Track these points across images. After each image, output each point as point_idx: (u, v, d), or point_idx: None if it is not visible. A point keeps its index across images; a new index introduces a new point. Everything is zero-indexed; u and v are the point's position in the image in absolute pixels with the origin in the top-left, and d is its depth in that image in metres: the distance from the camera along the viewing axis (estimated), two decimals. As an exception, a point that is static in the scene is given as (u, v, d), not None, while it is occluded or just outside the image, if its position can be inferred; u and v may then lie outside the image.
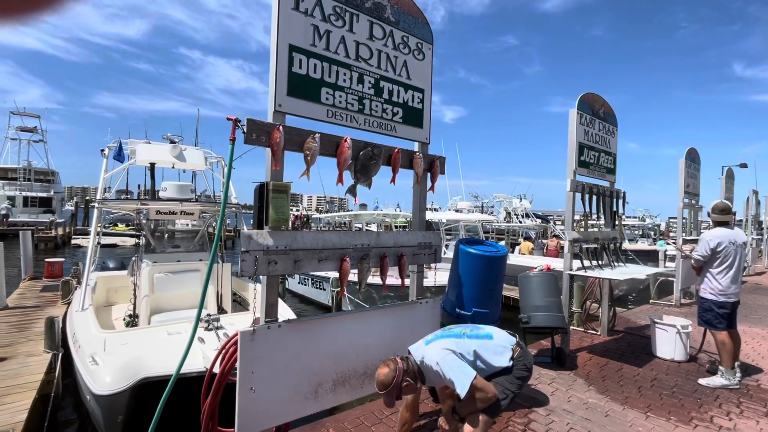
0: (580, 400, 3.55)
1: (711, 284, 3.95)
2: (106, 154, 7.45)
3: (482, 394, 2.16)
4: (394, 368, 2.24)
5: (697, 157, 8.08)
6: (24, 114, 34.43)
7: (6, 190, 30.58)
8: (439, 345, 2.34)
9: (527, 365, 2.44)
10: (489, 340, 2.42)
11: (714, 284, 3.93)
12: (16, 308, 7.41)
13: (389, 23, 2.82)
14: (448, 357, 2.23)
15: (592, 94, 4.98)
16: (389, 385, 2.21)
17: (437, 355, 2.26)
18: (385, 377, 2.22)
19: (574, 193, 4.66)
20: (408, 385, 2.25)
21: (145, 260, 6.11)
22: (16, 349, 5.29)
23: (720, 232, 3.95)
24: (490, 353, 2.37)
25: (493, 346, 2.40)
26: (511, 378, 2.37)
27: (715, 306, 3.91)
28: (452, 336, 2.41)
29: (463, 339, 2.38)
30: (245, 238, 2.16)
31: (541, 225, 19.49)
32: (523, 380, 2.43)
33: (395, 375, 2.22)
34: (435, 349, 2.31)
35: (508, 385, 2.35)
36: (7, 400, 3.88)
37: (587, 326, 5.84)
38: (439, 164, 3.07)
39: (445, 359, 2.22)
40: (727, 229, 4.00)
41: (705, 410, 3.42)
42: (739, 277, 3.94)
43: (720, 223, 4.03)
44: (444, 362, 2.22)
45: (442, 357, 2.24)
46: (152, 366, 3.50)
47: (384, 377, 2.22)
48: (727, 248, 3.88)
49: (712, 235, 3.95)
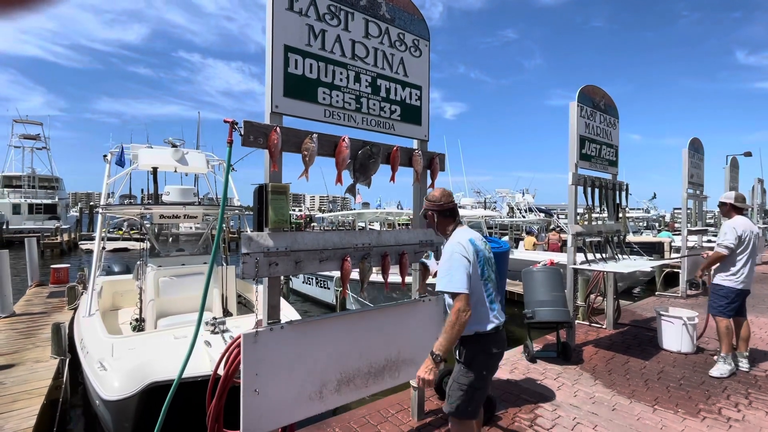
0: (587, 394, 3.53)
1: (731, 272, 3.98)
2: (109, 160, 7.49)
3: (449, 325, 1.93)
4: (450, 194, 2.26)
5: (700, 147, 8.00)
6: (26, 122, 34.67)
7: (11, 197, 30.82)
8: (470, 244, 2.07)
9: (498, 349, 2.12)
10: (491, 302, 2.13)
11: (734, 271, 3.96)
12: (23, 315, 7.47)
13: (385, 21, 2.80)
14: (457, 256, 2.01)
15: (592, 86, 4.94)
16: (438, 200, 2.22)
17: (452, 245, 2.06)
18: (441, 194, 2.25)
19: (576, 186, 4.63)
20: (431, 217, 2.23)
21: (150, 264, 6.14)
22: (24, 355, 5.33)
23: (743, 220, 4.03)
24: (480, 305, 2.07)
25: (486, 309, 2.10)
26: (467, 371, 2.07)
27: (733, 294, 3.95)
28: (484, 266, 2.11)
29: (485, 278, 2.09)
30: (246, 240, 2.16)
31: (544, 219, 19.41)
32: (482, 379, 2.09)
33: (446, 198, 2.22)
34: (463, 236, 2.11)
35: (463, 380, 2.07)
36: (16, 407, 3.92)
37: (592, 320, 5.81)
38: (438, 161, 3.05)
39: (454, 256, 2.01)
40: (746, 218, 4.09)
41: (713, 402, 3.40)
42: (754, 265, 4.00)
43: (741, 212, 4.12)
44: (452, 256, 2.02)
45: (451, 252, 2.03)
46: (160, 370, 3.52)
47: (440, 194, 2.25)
48: (749, 236, 3.95)
49: (737, 223, 4.00)
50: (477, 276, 2.05)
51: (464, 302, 1.94)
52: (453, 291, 1.96)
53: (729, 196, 4.14)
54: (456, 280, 1.97)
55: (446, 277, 2.01)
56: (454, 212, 2.24)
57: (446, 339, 1.93)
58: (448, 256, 2.06)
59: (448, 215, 2.22)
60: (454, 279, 1.97)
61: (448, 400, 2.12)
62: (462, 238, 2.11)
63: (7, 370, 4.83)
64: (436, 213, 2.23)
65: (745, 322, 4.08)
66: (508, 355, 4.47)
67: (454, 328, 1.92)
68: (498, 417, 3.12)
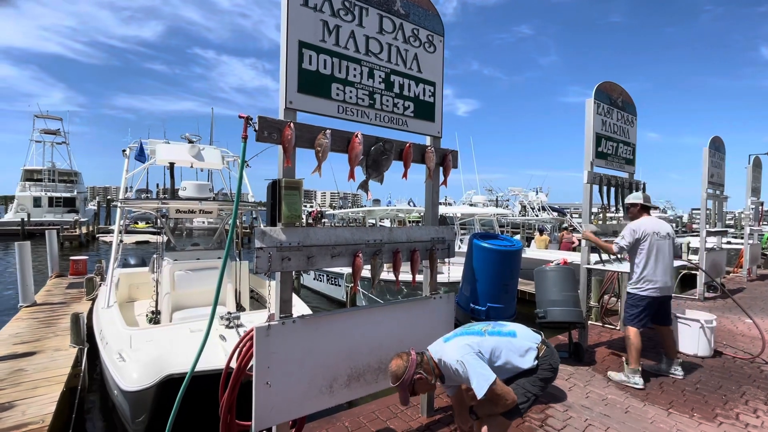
0: (599, 395, 3.48)
1: (634, 279, 3.81)
2: (128, 155, 7.64)
3: (501, 399, 2.10)
4: (407, 360, 2.23)
5: (721, 146, 7.78)
6: (47, 117, 35.59)
7: (32, 190, 31.74)
8: (459, 342, 2.27)
9: (553, 365, 2.32)
10: (512, 338, 2.32)
11: (637, 278, 3.78)
12: (44, 305, 7.70)
13: (399, 16, 2.79)
14: (468, 356, 2.16)
15: (609, 83, 4.84)
16: (401, 376, 2.19)
17: (457, 352, 2.20)
18: (397, 368, 2.21)
19: (592, 185, 4.56)
20: (421, 379, 2.22)
21: (165, 258, 6.26)
22: (45, 343, 5.50)
23: (646, 221, 3.83)
24: (513, 353, 2.28)
25: (517, 346, 2.30)
26: (534, 379, 2.28)
27: (641, 302, 3.75)
28: (473, 333, 2.33)
29: (484, 337, 2.29)
30: (259, 235, 2.18)
31: (557, 218, 19.15)
32: (547, 381, 2.32)
33: (407, 366, 2.20)
34: (455, 346, 2.25)
35: (529, 387, 2.25)
36: (36, 393, 4.05)
37: (605, 321, 5.72)
38: (451, 158, 3.03)
39: (465, 357, 2.16)
40: (653, 219, 3.90)
41: (730, 407, 3.32)
42: (667, 269, 3.75)
43: (650, 212, 3.96)
44: (464, 360, 2.15)
45: (462, 355, 2.18)
46: (176, 363, 3.59)
47: (396, 368, 2.22)
48: (650, 237, 3.71)
49: (638, 224, 3.82)
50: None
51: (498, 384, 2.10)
52: (488, 383, 2.08)
53: (638, 197, 3.97)
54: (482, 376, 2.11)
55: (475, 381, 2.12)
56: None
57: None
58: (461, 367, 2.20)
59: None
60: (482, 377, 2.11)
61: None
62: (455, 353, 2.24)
63: (29, 357, 4.99)
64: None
65: (670, 330, 3.94)
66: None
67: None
68: (508, 416, 3.10)
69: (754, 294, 7.65)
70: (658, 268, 3.71)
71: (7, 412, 3.67)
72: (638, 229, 3.77)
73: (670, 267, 3.75)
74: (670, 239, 3.78)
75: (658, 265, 3.71)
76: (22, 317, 6.82)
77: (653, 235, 3.72)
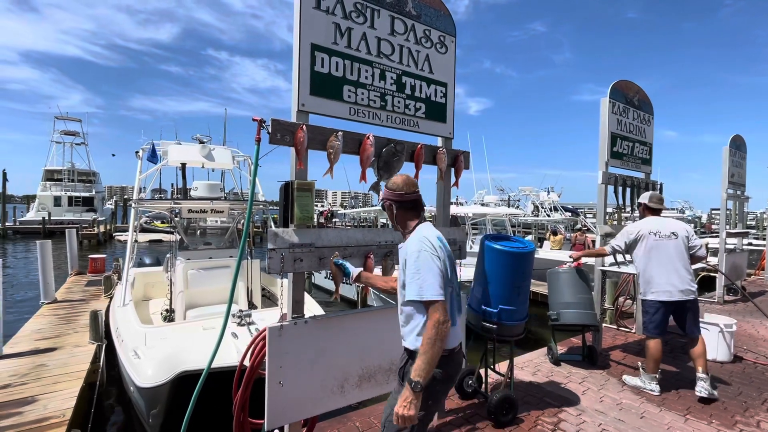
0: (614, 400, 3.43)
1: (642, 283, 3.59)
2: (141, 156, 7.81)
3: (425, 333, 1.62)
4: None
5: (743, 145, 7.57)
6: (67, 118, 36.59)
7: (53, 190, 32.65)
8: (434, 233, 1.82)
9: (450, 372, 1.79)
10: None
11: (645, 281, 3.55)
12: (64, 302, 7.93)
13: (411, 17, 2.79)
14: (426, 255, 1.70)
15: (625, 81, 4.75)
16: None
17: (420, 242, 1.75)
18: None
19: (606, 185, 4.48)
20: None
21: (179, 257, 6.38)
22: (65, 340, 5.66)
23: (647, 222, 3.64)
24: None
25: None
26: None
27: (651, 307, 3.52)
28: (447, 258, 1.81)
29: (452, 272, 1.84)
30: (272, 236, 2.21)
31: (570, 218, 18.87)
32: (435, 396, 1.75)
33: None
34: (426, 233, 1.80)
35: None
36: (58, 388, 4.17)
37: (620, 324, 5.62)
38: (463, 159, 3.02)
39: (421, 257, 1.70)
40: (658, 218, 3.66)
41: (751, 414, 3.23)
42: (679, 271, 3.45)
43: (656, 212, 3.71)
44: (420, 256, 1.70)
45: (421, 249, 1.72)
46: (190, 360, 3.66)
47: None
48: (648, 238, 3.52)
49: (636, 226, 3.64)
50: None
51: (442, 311, 1.62)
52: (428, 299, 1.63)
53: (644, 196, 3.79)
54: (429, 285, 1.64)
55: (416, 284, 1.66)
56: (418, 206, 1.93)
57: (426, 361, 1.59)
58: (415, 256, 1.71)
59: (410, 208, 1.91)
60: (427, 284, 1.64)
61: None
62: (429, 234, 1.80)
63: (50, 353, 5.15)
64: (395, 204, 1.91)
65: (694, 340, 3.50)
66: (531, 357, 4.39)
67: (434, 345, 1.59)
68: (520, 419, 3.07)
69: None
70: (659, 271, 3.45)
71: (29, 406, 3.79)
72: (633, 230, 3.59)
73: (679, 269, 3.43)
74: (677, 239, 3.47)
75: (660, 267, 3.45)
76: (44, 314, 7.03)
77: (650, 236, 3.50)
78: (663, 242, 3.48)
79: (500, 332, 3.03)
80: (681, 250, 3.45)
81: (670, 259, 3.44)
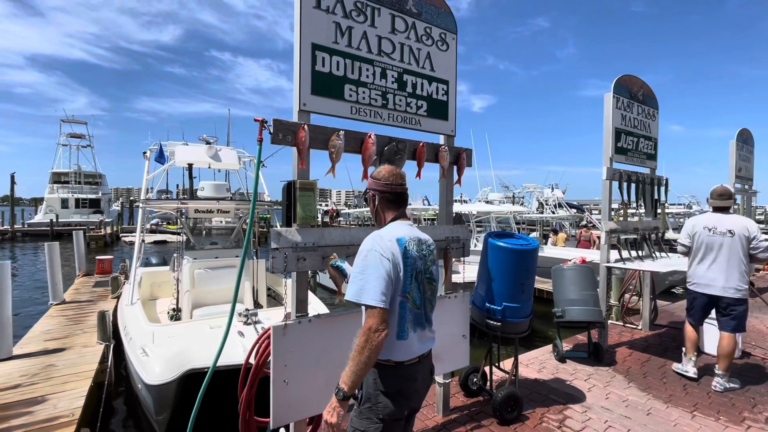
0: (620, 397, 3.41)
1: (689, 273, 3.76)
2: (148, 157, 7.87)
3: (357, 341, 1.52)
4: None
5: (750, 139, 7.47)
6: (73, 121, 36.96)
7: (60, 192, 33.00)
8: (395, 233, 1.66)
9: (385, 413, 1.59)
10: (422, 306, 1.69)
11: (691, 272, 3.73)
12: (72, 302, 8.02)
13: (411, 15, 2.78)
14: (374, 256, 1.57)
15: (629, 76, 4.71)
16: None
17: (369, 242, 1.62)
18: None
19: (611, 181, 4.45)
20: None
21: (185, 257, 6.43)
22: (73, 340, 5.73)
23: (703, 217, 3.71)
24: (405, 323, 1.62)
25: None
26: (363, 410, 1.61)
27: (690, 296, 3.75)
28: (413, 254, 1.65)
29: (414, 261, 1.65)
30: (275, 236, 2.22)
31: (575, 215, 18.75)
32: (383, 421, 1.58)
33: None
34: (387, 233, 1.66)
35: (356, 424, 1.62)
36: (67, 387, 4.23)
37: (626, 320, 5.59)
38: (465, 157, 3.01)
39: (369, 257, 1.58)
40: (717, 214, 3.66)
41: (759, 410, 3.20)
42: (723, 267, 3.51)
43: (719, 209, 3.68)
44: (367, 256, 1.58)
45: (371, 248, 1.59)
46: (197, 358, 3.70)
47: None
48: (701, 233, 3.62)
49: (693, 221, 3.78)
50: (395, 290, 1.59)
51: (378, 319, 1.50)
52: (366, 303, 1.52)
53: (713, 192, 3.75)
54: (370, 288, 1.52)
55: (357, 284, 1.55)
56: (401, 200, 1.78)
57: (351, 368, 1.49)
58: (363, 254, 1.59)
59: (391, 200, 1.76)
60: (369, 287, 1.52)
61: None
62: (390, 233, 1.65)
63: (59, 353, 5.21)
64: (377, 194, 1.76)
65: (723, 336, 3.54)
66: (536, 354, 4.38)
67: (362, 353, 1.48)
68: (525, 416, 3.07)
69: (786, 292, 7.34)
70: (703, 265, 3.60)
71: (39, 405, 3.84)
72: (689, 224, 3.77)
73: (725, 266, 3.47)
74: (733, 237, 3.46)
75: (705, 261, 3.58)
76: (53, 315, 7.12)
77: (704, 231, 3.60)
78: (716, 238, 3.54)
79: (504, 329, 3.03)
80: (735, 248, 3.47)
81: (719, 255, 3.51)
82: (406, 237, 1.66)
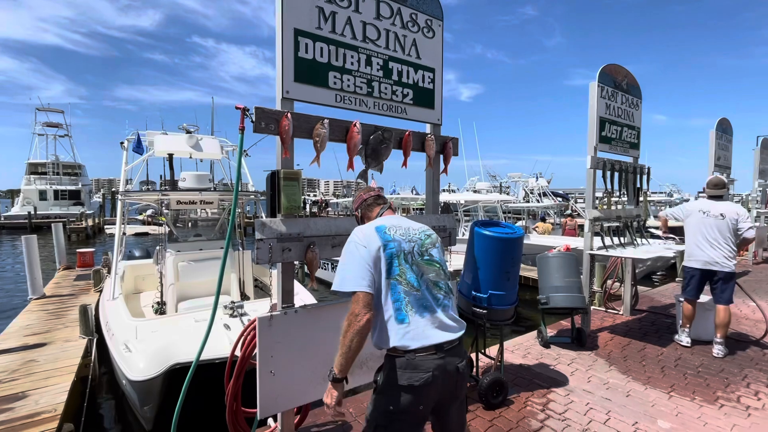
0: (601, 380, 3.51)
1: (686, 251, 4.24)
2: (126, 147, 7.64)
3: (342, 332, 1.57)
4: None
5: (729, 128, 7.65)
6: (49, 110, 35.54)
7: (37, 184, 31.91)
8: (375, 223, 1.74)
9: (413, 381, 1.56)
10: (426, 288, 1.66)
11: (687, 250, 4.20)
12: (53, 296, 7.83)
13: (396, 1, 2.73)
14: (351, 247, 1.66)
15: (614, 65, 4.74)
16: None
17: (353, 233, 1.72)
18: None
19: (595, 170, 4.51)
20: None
21: (169, 249, 6.31)
22: (55, 335, 5.61)
23: (699, 201, 4.22)
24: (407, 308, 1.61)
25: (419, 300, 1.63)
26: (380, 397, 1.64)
27: (687, 272, 4.20)
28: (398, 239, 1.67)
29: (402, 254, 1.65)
30: (259, 226, 2.19)
31: (561, 204, 19.05)
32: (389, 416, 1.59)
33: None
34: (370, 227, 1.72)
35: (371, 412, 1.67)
36: (49, 383, 4.14)
37: (609, 306, 5.73)
38: (452, 146, 3.00)
39: (347, 248, 1.68)
40: (710, 200, 4.16)
41: (732, 390, 3.34)
42: (713, 246, 4.00)
43: (713, 196, 4.20)
44: (346, 247, 1.69)
45: (348, 242, 1.69)
46: (182, 352, 3.65)
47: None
48: (694, 215, 4.11)
49: (691, 203, 4.30)
50: (380, 274, 1.60)
51: (360, 303, 1.53)
52: (347, 290, 1.57)
53: (708, 182, 4.28)
54: (349, 275, 1.57)
55: (339, 275, 1.61)
56: (379, 200, 1.91)
57: (340, 352, 1.56)
58: (344, 248, 1.70)
59: (370, 204, 1.91)
60: (349, 275, 1.58)
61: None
62: (369, 224, 1.75)
63: (40, 348, 5.10)
64: (359, 209, 1.95)
65: (720, 308, 4.01)
66: (522, 340, 4.47)
67: (346, 336, 1.54)
68: (510, 401, 3.14)
69: (759, 277, 7.62)
70: (698, 243, 4.04)
71: (20, 401, 3.76)
72: (687, 207, 4.26)
73: (717, 244, 3.95)
74: (724, 219, 3.96)
75: (702, 241, 4.02)
76: (32, 309, 6.94)
77: (699, 213, 4.07)
78: (709, 220, 4.03)
79: (490, 317, 3.07)
80: (724, 229, 3.97)
81: (712, 234, 4.00)
82: (387, 224, 1.72)
